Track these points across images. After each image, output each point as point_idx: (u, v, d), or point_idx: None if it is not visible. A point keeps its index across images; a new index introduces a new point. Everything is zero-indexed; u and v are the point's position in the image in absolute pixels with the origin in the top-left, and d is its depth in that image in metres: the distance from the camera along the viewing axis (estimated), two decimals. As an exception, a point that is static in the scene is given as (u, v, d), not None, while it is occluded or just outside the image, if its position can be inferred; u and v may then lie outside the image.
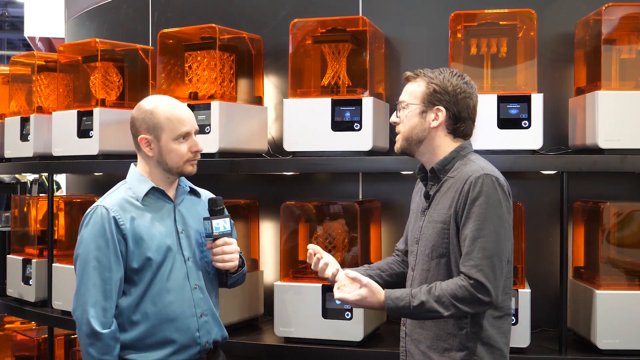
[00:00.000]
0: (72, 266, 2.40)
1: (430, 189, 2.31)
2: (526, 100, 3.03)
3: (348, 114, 3.18)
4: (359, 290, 2.19)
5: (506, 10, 3.22)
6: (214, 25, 3.40)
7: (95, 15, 4.68)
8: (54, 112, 3.94)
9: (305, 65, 3.49)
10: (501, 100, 3.04)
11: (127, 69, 3.96)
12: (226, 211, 2.47)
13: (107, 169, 3.77)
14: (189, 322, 2.37)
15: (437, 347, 2.22)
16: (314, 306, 3.13)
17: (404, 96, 2.33)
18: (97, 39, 3.78)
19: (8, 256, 4.40)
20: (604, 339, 2.90)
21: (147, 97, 2.52)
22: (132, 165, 2.48)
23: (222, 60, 3.51)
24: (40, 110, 4.20)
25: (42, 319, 4.06)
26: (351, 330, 3.09)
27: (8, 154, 4.39)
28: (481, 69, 3.28)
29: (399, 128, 2.33)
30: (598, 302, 2.90)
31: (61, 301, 3.84)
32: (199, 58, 3.51)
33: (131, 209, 2.35)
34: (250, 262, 3.61)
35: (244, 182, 3.95)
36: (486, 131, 3.01)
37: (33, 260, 4.12)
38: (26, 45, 19.57)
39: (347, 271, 2.24)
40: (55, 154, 3.90)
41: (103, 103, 3.73)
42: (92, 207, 2.36)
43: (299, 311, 3.15)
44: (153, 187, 2.40)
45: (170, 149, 2.37)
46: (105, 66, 3.83)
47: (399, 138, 2.34)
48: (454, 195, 2.20)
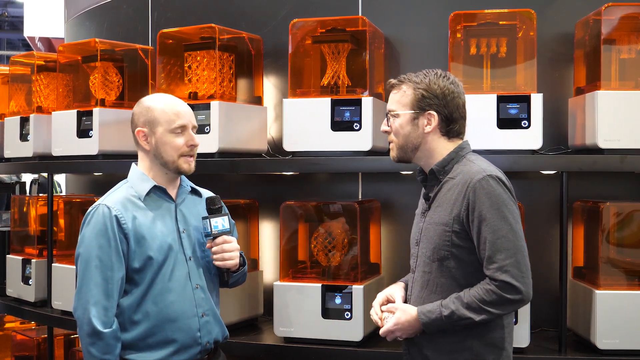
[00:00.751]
0: (72, 266, 2.40)
1: (430, 190, 2.31)
2: (526, 100, 3.03)
3: (348, 114, 3.18)
4: (391, 318, 2.22)
5: (506, 10, 3.22)
6: (213, 25, 3.40)
7: (95, 15, 4.67)
8: (53, 112, 3.94)
9: (305, 65, 3.49)
10: (501, 100, 3.04)
11: (126, 69, 3.96)
12: (225, 209, 2.47)
13: (107, 169, 3.77)
14: (190, 322, 2.37)
15: (441, 350, 2.21)
16: (313, 306, 3.12)
17: (392, 105, 2.31)
18: (97, 39, 3.78)
19: (8, 256, 4.40)
20: (603, 339, 2.90)
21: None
22: (133, 165, 2.48)
23: (222, 60, 3.51)
24: (39, 110, 4.20)
25: (41, 319, 4.05)
26: (351, 330, 3.09)
27: (8, 154, 4.38)
28: (481, 69, 3.28)
29: (391, 137, 2.32)
30: (598, 302, 2.90)
31: (61, 301, 3.83)
32: (198, 58, 3.51)
33: (133, 207, 2.35)
34: (250, 262, 3.60)
35: (243, 182, 3.95)
36: (486, 131, 3.01)
37: (33, 260, 4.11)
38: (26, 45, 19.54)
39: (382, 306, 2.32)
40: (54, 154, 3.90)
41: (103, 103, 3.72)
42: (93, 205, 2.37)
43: (299, 311, 3.15)
44: (155, 186, 2.40)
45: (165, 141, 2.38)
46: (105, 66, 3.83)
47: (393, 147, 2.33)
48: (456, 197, 2.18)
